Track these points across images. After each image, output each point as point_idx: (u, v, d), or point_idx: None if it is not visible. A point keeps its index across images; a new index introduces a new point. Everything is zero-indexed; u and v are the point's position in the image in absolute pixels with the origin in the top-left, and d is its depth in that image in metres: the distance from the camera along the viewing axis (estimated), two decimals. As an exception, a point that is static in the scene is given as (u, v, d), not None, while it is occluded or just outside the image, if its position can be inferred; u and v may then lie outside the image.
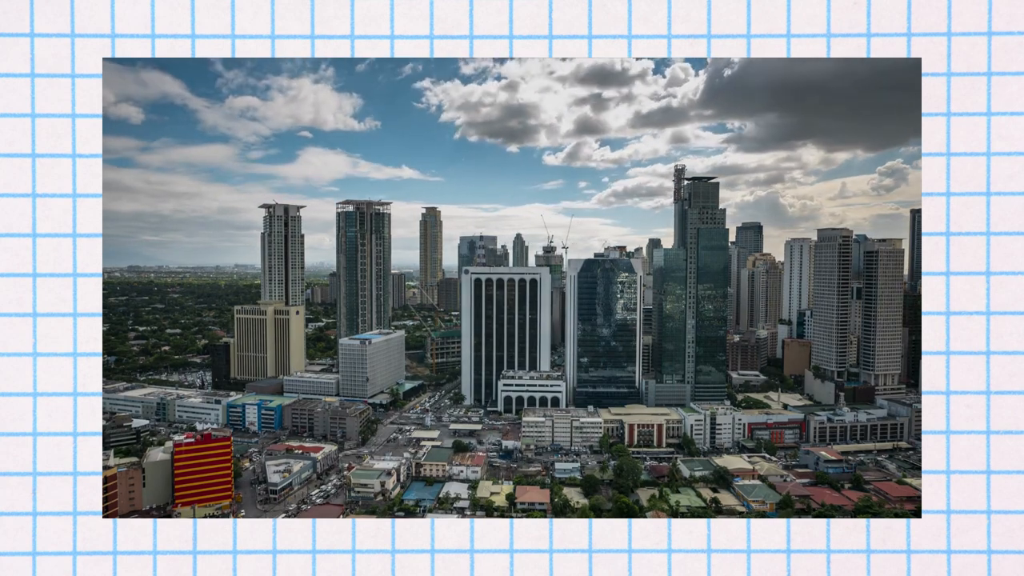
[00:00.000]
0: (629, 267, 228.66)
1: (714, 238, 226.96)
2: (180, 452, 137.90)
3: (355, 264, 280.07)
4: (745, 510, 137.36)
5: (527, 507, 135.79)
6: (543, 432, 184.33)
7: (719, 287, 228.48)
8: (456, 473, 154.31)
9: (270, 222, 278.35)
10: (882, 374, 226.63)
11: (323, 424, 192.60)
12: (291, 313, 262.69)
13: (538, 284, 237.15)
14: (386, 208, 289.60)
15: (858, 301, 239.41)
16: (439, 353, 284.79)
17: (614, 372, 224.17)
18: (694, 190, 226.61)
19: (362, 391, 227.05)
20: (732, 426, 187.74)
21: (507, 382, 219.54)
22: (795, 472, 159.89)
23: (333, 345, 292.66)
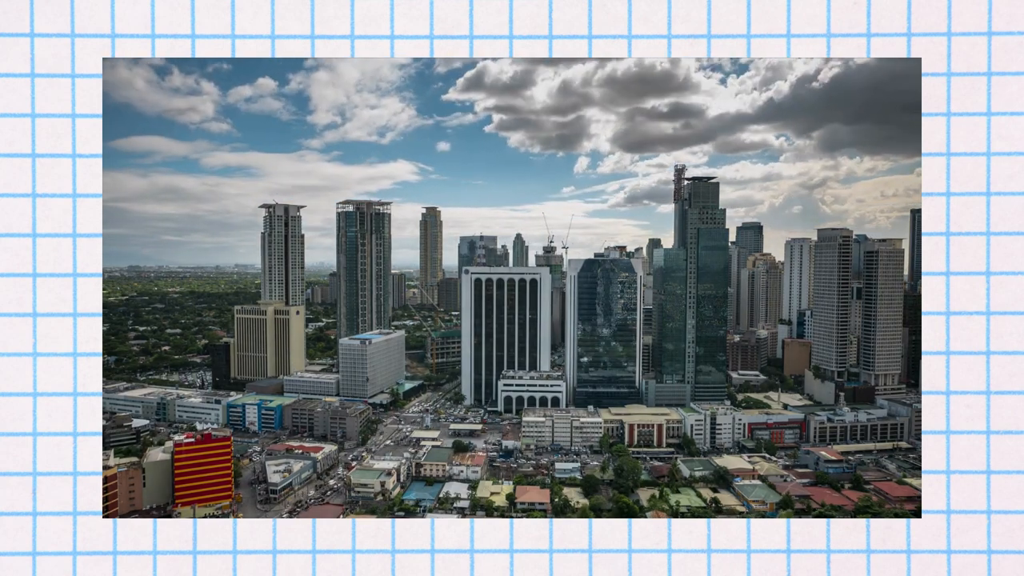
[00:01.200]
0: (629, 267, 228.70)
1: (714, 238, 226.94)
2: (180, 452, 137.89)
3: (355, 264, 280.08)
4: (745, 510, 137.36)
5: (527, 507, 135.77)
6: (543, 432, 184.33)
7: (719, 287, 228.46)
8: (456, 473, 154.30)
9: (270, 222, 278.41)
10: (882, 374, 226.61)
11: (323, 424, 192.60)
12: (291, 313, 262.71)
13: (538, 284, 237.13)
14: (386, 208, 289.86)
15: (858, 301, 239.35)
16: (439, 353, 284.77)
17: (614, 372, 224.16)
18: (694, 190, 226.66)
19: (362, 391, 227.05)
20: (732, 426, 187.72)
21: (507, 382, 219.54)
22: (795, 472, 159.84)
23: (333, 345, 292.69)
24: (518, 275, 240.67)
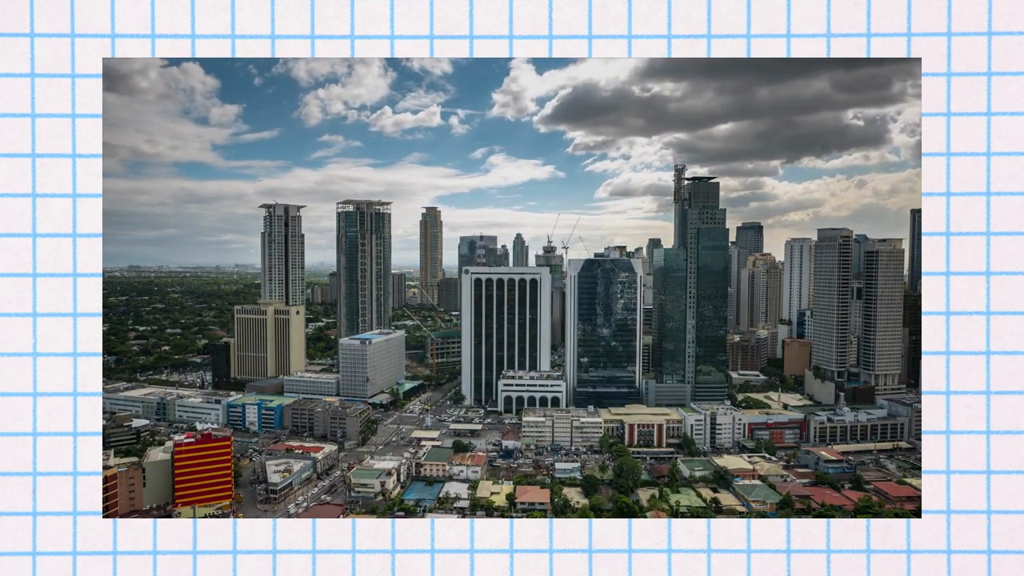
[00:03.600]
0: (629, 267, 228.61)
1: (714, 238, 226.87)
2: (180, 452, 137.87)
3: (355, 264, 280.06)
4: (745, 510, 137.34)
5: (527, 507, 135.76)
6: (543, 432, 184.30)
7: (719, 287, 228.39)
8: (456, 473, 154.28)
9: (270, 222, 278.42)
10: (882, 374, 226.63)
11: (323, 424, 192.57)
12: (291, 313, 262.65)
13: (538, 284, 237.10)
14: (386, 208, 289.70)
15: (858, 301, 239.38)
16: (439, 353, 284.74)
17: (614, 372, 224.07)
18: (694, 190, 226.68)
19: (362, 391, 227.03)
20: (732, 426, 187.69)
21: (507, 382, 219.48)
22: (795, 472, 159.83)
23: (333, 345, 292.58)
24: (518, 275, 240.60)
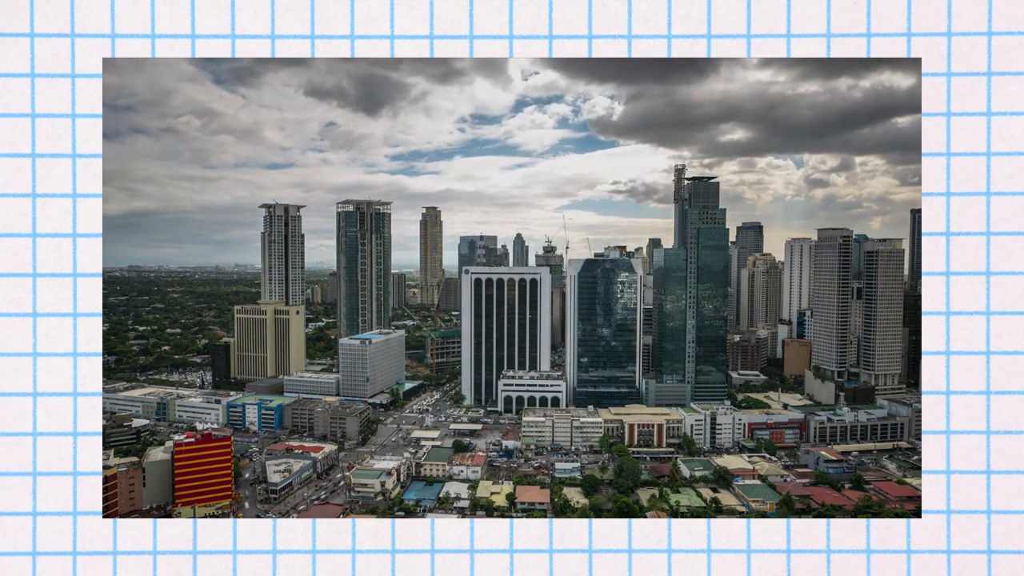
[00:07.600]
0: (629, 267, 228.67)
1: (714, 238, 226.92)
2: (180, 452, 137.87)
3: (355, 264, 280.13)
4: (745, 510, 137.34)
5: (527, 507, 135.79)
6: (543, 432, 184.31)
7: (719, 287, 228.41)
8: (456, 473, 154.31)
9: (270, 222, 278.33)
10: (882, 374, 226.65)
11: (323, 424, 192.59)
12: (291, 313, 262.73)
13: (538, 284, 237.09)
14: (386, 208, 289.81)
15: (858, 301, 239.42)
16: (439, 353, 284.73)
17: (614, 372, 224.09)
18: (694, 190, 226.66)
19: (362, 391, 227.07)
20: (732, 426, 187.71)
21: (507, 382, 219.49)
22: (795, 472, 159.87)
23: (333, 345, 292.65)
24: (518, 275, 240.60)
